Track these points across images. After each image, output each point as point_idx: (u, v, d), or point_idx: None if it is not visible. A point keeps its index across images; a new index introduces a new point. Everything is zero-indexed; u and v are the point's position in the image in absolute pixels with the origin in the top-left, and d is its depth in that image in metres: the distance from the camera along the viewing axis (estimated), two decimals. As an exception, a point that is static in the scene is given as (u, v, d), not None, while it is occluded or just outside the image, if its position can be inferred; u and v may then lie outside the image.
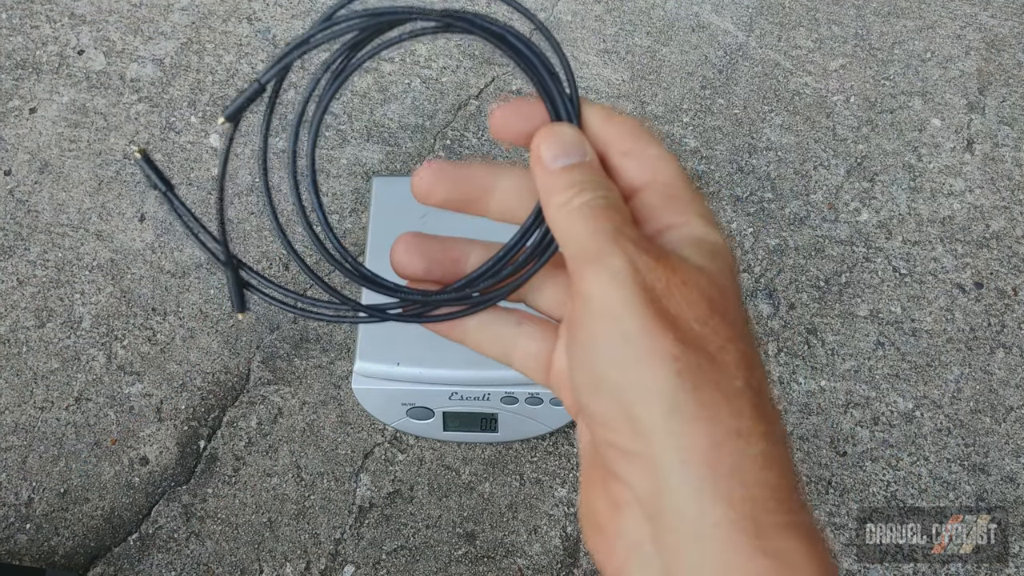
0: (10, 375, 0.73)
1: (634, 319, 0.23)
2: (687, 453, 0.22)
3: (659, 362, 0.22)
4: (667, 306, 0.23)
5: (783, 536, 0.22)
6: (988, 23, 0.86)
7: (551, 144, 0.26)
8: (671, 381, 0.22)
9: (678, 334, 0.23)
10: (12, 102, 0.85)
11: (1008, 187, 0.78)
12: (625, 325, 0.23)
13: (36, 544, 0.67)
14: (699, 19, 0.88)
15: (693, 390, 0.22)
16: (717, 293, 0.24)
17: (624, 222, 0.25)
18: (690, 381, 0.22)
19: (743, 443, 0.22)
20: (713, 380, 0.23)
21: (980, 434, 0.68)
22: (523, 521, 0.66)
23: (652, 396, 0.22)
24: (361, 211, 0.79)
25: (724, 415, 0.22)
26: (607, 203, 0.25)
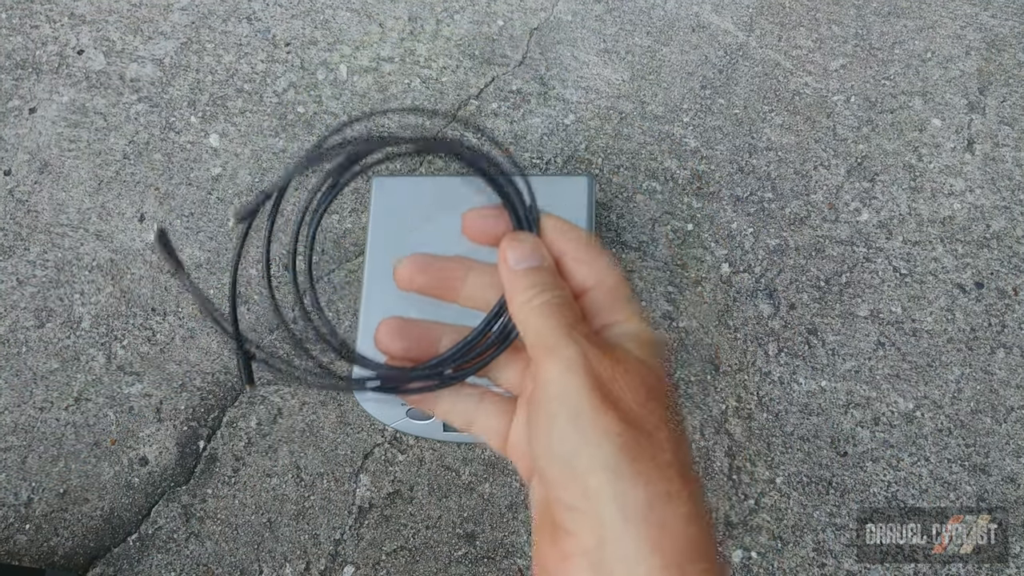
0: (10, 375, 0.73)
1: (584, 401, 0.28)
2: (627, 510, 0.27)
3: (604, 437, 0.28)
4: (612, 390, 0.28)
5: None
6: (988, 23, 0.86)
7: (515, 250, 0.32)
8: (614, 453, 0.27)
9: (620, 414, 0.28)
10: (12, 102, 0.85)
11: (1008, 187, 0.77)
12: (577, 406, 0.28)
13: (36, 544, 0.67)
14: (699, 19, 0.88)
15: (632, 461, 0.27)
16: (654, 381, 0.29)
17: (576, 319, 0.30)
18: (630, 453, 0.27)
19: (672, 504, 0.27)
20: (648, 453, 0.28)
21: (981, 434, 0.68)
22: (523, 521, 0.66)
23: (598, 464, 0.27)
24: (361, 211, 0.78)
25: (657, 481, 0.27)
26: (562, 302, 0.30)
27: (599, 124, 0.82)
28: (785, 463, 0.67)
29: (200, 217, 0.79)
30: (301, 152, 0.74)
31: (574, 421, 0.28)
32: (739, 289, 0.74)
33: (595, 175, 0.79)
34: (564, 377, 0.29)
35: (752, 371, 0.71)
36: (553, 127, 0.82)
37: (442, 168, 0.80)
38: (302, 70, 0.85)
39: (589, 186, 0.70)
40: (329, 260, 0.76)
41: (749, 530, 0.66)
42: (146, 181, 0.81)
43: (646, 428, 0.28)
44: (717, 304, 0.73)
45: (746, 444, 0.68)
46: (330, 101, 0.84)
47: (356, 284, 0.75)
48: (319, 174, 0.34)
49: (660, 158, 0.80)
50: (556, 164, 0.80)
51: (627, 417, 0.28)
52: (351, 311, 0.74)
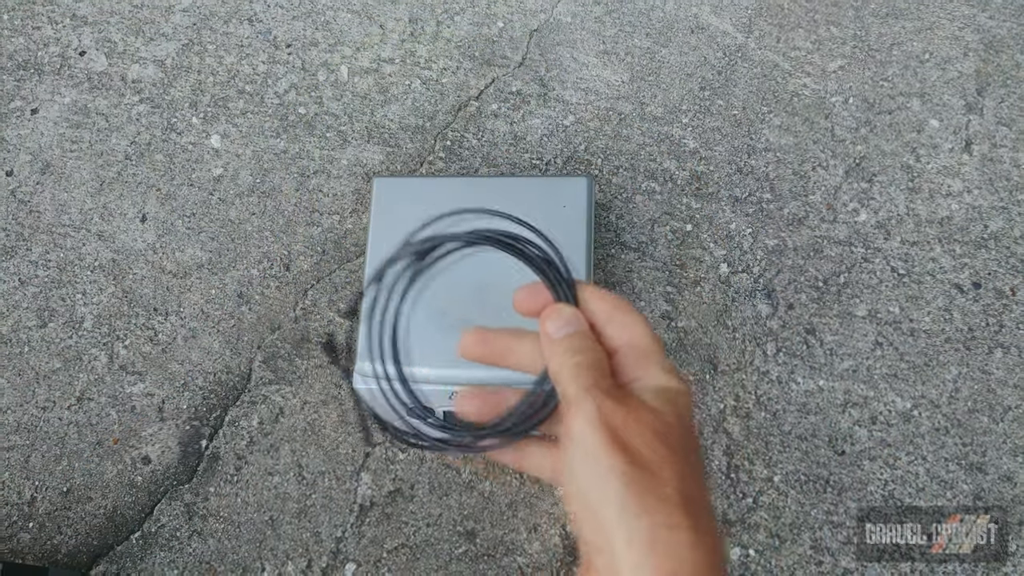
0: (12, 375, 0.73)
1: (597, 446, 0.33)
2: (632, 539, 0.31)
3: (613, 475, 0.32)
4: (622, 436, 0.33)
5: None
6: (986, 24, 0.86)
7: (555, 320, 0.38)
8: (621, 489, 0.32)
9: (628, 456, 0.32)
10: (14, 103, 0.85)
11: (1006, 188, 0.78)
12: (591, 450, 0.33)
13: (39, 543, 0.68)
14: (698, 20, 0.88)
15: (636, 496, 0.31)
16: (662, 426, 0.34)
17: (601, 376, 0.36)
18: (634, 489, 0.32)
19: (673, 532, 0.31)
20: (651, 488, 0.32)
21: (978, 433, 0.69)
22: (523, 519, 0.67)
23: (608, 500, 0.32)
24: (362, 211, 0.79)
25: (659, 513, 0.31)
26: (590, 362, 0.36)
27: (598, 125, 0.82)
28: (783, 462, 0.68)
29: (201, 218, 0.79)
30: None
31: (589, 463, 0.33)
32: (737, 289, 0.74)
33: (594, 176, 0.79)
34: (582, 427, 0.34)
35: (750, 370, 0.71)
36: (553, 128, 0.82)
37: (442, 169, 0.81)
38: (303, 71, 0.86)
39: (588, 187, 0.71)
40: (329, 260, 0.77)
41: (747, 528, 0.66)
42: (148, 182, 0.81)
43: (651, 467, 0.32)
44: (716, 304, 0.74)
45: (744, 443, 0.69)
46: (331, 102, 0.84)
47: (357, 284, 0.75)
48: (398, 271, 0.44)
49: (659, 159, 0.80)
50: (556, 165, 0.80)
51: (634, 458, 0.32)
52: (351, 311, 0.75)
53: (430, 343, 0.63)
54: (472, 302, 0.59)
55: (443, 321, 0.57)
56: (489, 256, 0.45)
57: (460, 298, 0.60)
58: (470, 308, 0.56)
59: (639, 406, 0.35)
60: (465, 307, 0.56)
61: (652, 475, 0.32)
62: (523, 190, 0.71)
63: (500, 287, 0.56)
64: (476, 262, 0.46)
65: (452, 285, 0.47)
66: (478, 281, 0.61)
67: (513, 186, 0.73)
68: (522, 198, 0.69)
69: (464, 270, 0.46)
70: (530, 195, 0.70)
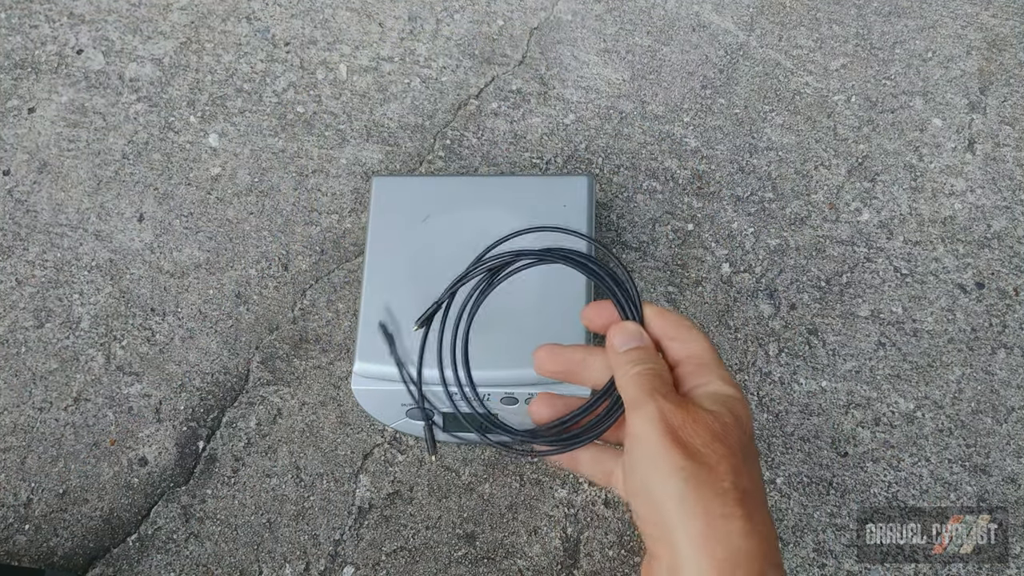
0: (9, 375, 0.73)
1: (658, 444, 0.36)
2: (691, 530, 0.34)
3: (673, 470, 0.35)
4: (682, 436, 0.36)
5: None
6: (989, 23, 0.86)
7: (620, 335, 0.42)
8: (680, 485, 0.35)
9: (687, 452, 0.35)
10: (11, 102, 0.84)
11: (1009, 187, 0.77)
12: (653, 448, 0.36)
13: (35, 545, 0.67)
14: (699, 18, 0.87)
15: (694, 489, 0.34)
16: (719, 427, 0.36)
17: (662, 383, 0.39)
18: (692, 484, 0.34)
19: (727, 522, 0.34)
20: (708, 483, 0.35)
21: (981, 435, 0.68)
22: (523, 522, 0.66)
23: (668, 494, 0.35)
24: (361, 211, 0.78)
25: (714, 505, 0.34)
26: (653, 372, 0.39)
27: (599, 124, 0.82)
28: (785, 463, 0.67)
29: (199, 217, 0.79)
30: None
31: (650, 460, 0.36)
32: (739, 289, 0.74)
33: (595, 175, 0.79)
34: (644, 427, 0.37)
35: (752, 371, 0.71)
36: (553, 127, 0.82)
37: (442, 168, 0.80)
38: (301, 70, 0.85)
39: (589, 186, 0.70)
40: (328, 260, 0.76)
41: (749, 531, 0.65)
42: (145, 181, 0.80)
43: (708, 463, 0.35)
44: (717, 304, 0.73)
45: (746, 444, 0.68)
46: (330, 101, 0.83)
47: (356, 284, 0.75)
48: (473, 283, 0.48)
49: (660, 158, 0.80)
50: (556, 164, 0.80)
51: (692, 455, 0.35)
52: (351, 311, 0.74)
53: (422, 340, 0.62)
54: (523, 311, 0.60)
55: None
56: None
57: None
58: (521, 316, 0.57)
59: (697, 409, 0.38)
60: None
61: (710, 470, 0.35)
62: (523, 189, 0.71)
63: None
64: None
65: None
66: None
67: (513, 185, 0.72)
68: (522, 197, 0.69)
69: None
70: (530, 194, 0.69)
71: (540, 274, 0.62)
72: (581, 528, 0.66)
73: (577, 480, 0.67)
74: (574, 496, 0.67)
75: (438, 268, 0.68)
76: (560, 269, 0.52)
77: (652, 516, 0.36)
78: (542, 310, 0.63)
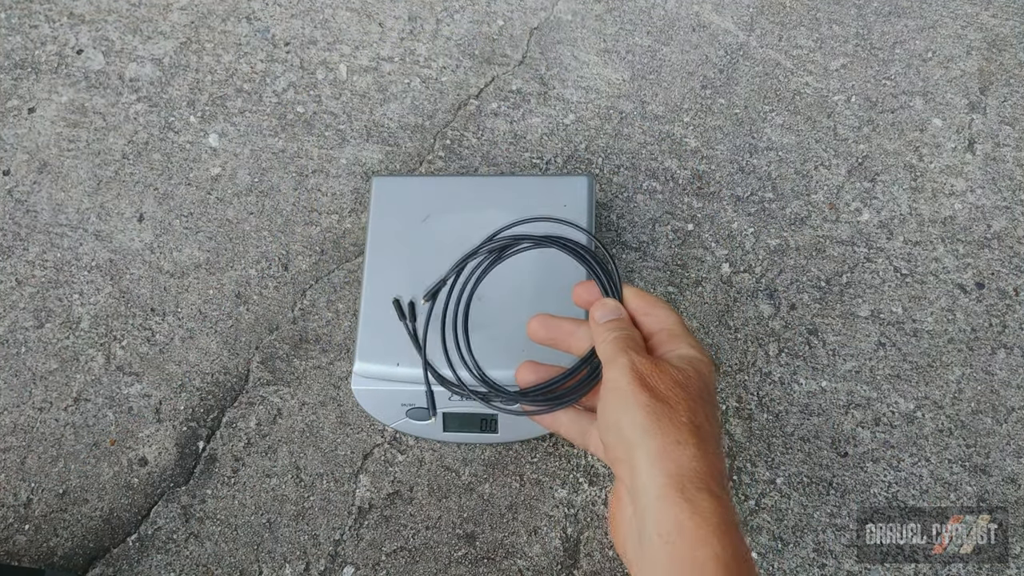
0: (9, 375, 0.73)
1: (627, 387, 0.43)
2: (649, 452, 0.41)
3: (638, 407, 0.42)
4: (648, 381, 0.43)
5: (698, 494, 0.39)
6: (989, 23, 0.86)
7: (601, 309, 0.49)
8: (644, 416, 0.42)
9: (652, 394, 0.43)
10: (11, 102, 0.84)
11: (1009, 187, 0.77)
12: (623, 390, 0.43)
13: (35, 545, 0.67)
14: (699, 19, 0.87)
15: (655, 420, 0.42)
16: (682, 377, 0.44)
17: (635, 344, 0.46)
18: (654, 416, 0.42)
19: (680, 447, 0.41)
20: (667, 416, 0.42)
21: (981, 435, 0.68)
22: (523, 522, 0.66)
23: (633, 424, 0.42)
24: (360, 211, 0.78)
25: (670, 432, 0.41)
26: (627, 336, 0.47)
27: (599, 124, 0.82)
28: (785, 464, 0.67)
29: (199, 217, 0.79)
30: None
31: (621, 400, 0.43)
32: (739, 289, 0.74)
33: (595, 175, 0.79)
34: (617, 375, 0.44)
35: (752, 371, 0.71)
36: (553, 127, 0.82)
37: (441, 168, 0.80)
38: (301, 70, 0.85)
39: (589, 186, 0.70)
40: (328, 260, 0.76)
41: (750, 531, 0.66)
42: (145, 181, 0.80)
43: (669, 402, 0.42)
44: (717, 304, 0.73)
45: (746, 445, 0.68)
46: (329, 101, 0.83)
47: (356, 284, 0.75)
48: (477, 262, 0.56)
49: (660, 158, 0.80)
50: (556, 164, 0.80)
51: (656, 395, 0.43)
52: (351, 311, 0.74)
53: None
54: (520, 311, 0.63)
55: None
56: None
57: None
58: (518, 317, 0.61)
59: (664, 363, 0.45)
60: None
61: (670, 408, 0.42)
62: (523, 189, 0.71)
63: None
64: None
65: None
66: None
67: (513, 185, 0.72)
68: (522, 197, 0.69)
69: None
70: (530, 194, 0.69)
71: (537, 275, 0.64)
72: (581, 528, 0.66)
73: (577, 480, 0.67)
74: (574, 496, 0.67)
75: (438, 268, 0.68)
76: (557, 270, 0.61)
77: (619, 444, 0.43)
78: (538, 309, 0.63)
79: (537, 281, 0.64)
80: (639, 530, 0.42)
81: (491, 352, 0.58)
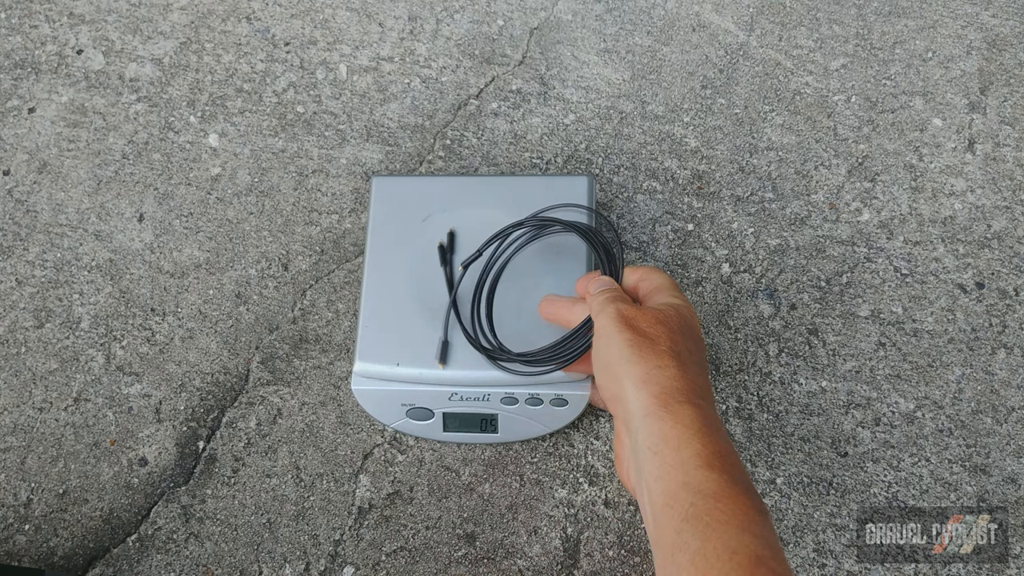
0: (9, 375, 0.73)
1: (614, 328, 0.49)
2: (634, 379, 0.46)
3: (623, 343, 0.48)
4: (632, 322, 0.49)
5: (680, 406, 0.44)
6: (989, 23, 0.86)
7: (596, 282, 0.57)
8: (627, 350, 0.47)
9: (634, 332, 0.48)
10: (11, 102, 0.84)
11: (1010, 187, 0.77)
12: (610, 332, 0.49)
13: (35, 545, 0.67)
14: (700, 19, 0.87)
15: (638, 351, 0.47)
16: (662, 316, 0.49)
17: (620, 297, 0.53)
18: (636, 349, 0.47)
19: (661, 371, 0.46)
20: (649, 347, 0.47)
21: (981, 435, 0.68)
22: (523, 522, 0.66)
23: (620, 358, 0.47)
24: (360, 211, 0.78)
25: (652, 359, 0.46)
26: (616, 294, 0.53)
27: (599, 124, 0.82)
28: (786, 464, 0.67)
29: (199, 217, 0.79)
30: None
31: (608, 340, 0.49)
32: (740, 289, 0.74)
33: (595, 175, 0.79)
34: (605, 322, 0.50)
35: (752, 371, 0.71)
36: (553, 127, 0.82)
37: (441, 168, 0.80)
38: (301, 70, 0.85)
39: (589, 186, 0.70)
40: (328, 260, 0.76)
41: (749, 531, 0.65)
42: (145, 181, 0.80)
43: (650, 336, 0.47)
44: (717, 304, 0.73)
45: (747, 445, 0.68)
46: (330, 101, 0.83)
47: (356, 284, 0.75)
48: (505, 240, 0.65)
49: (660, 158, 0.80)
50: (556, 164, 0.80)
51: (639, 331, 0.48)
52: (351, 311, 0.74)
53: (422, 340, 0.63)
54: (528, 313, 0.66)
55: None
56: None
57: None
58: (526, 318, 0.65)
59: (647, 307, 0.51)
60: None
61: (651, 340, 0.47)
62: (523, 189, 0.71)
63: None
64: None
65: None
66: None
67: (513, 185, 0.72)
68: (523, 197, 0.69)
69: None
70: (530, 194, 0.69)
71: (552, 262, 0.67)
72: (581, 528, 0.66)
73: (577, 480, 0.67)
74: (574, 496, 0.67)
75: (438, 268, 0.68)
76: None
77: (610, 381, 0.48)
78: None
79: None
80: (634, 454, 0.46)
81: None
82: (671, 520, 0.41)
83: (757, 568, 0.38)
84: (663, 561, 0.41)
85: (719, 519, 0.40)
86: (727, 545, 0.39)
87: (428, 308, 0.66)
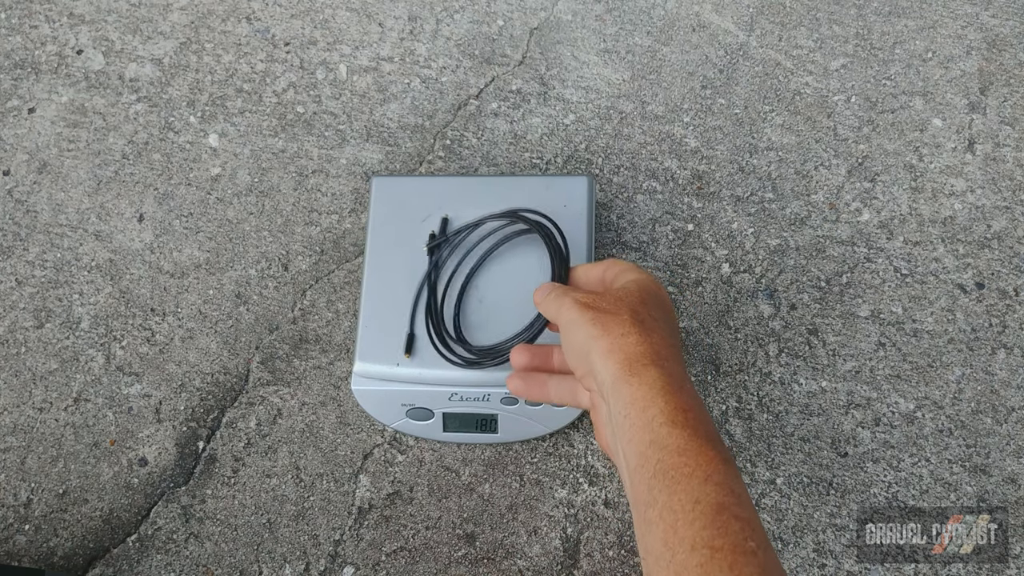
0: (9, 376, 0.73)
1: (576, 314, 0.50)
2: (600, 351, 0.48)
3: (587, 323, 0.49)
4: (592, 305, 0.50)
5: (644, 369, 0.46)
6: (989, 23, 0.86)
7: (537, 292, 0.58)
8: (591, 327, 0.49)
9: (597, 311, 0.50)
10: (11, 102, 0.84)
11: (1009, 187, 0.77)
12: (573, 318, 0.51)
13: (35, 545, 0.67)
14: (700, 19, 0.87)
15: (601, 326, 0.48)
16: (623, 293, 0.51)
17: (572, 289, 0.55)
18: (600, 324, 0.49)
19: (624, 338, 0.48)
20: (611, 320, 0.49)
21: (981, 435, 0.68)
22: (523, 522, 0.66)
23: (587, 337, 0.49)
24: (360, 211, 0.78)
25: (615, 328, 0.48)
26: (563, 289, 0.55)
27: (599, 124, 0.82)
28: (785, 464, 0.67)
29: (199, 217, 0.79)
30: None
31: (572, 325, 0.50)
32: (739, 289, 0.74)
33: (595, 175, 0.79)
34: (566, 312, 0.51)
35: (752, 371, 0.71)
36: (553, 127, 0.82)
37: (441, 169, 0.80)
38: (301, 70, 0.85)
39: (589, 186, 0.70)
40: (328, 260, 0.76)
41: (749, 531, 0.65)
42: (145, 181, 0.80)
43: (611, 311, 0.49)
44: (717, 304, 0.73)
45: (746, 445, 0.68)
46: (329, 101, 0.83)
47: (356, 284, 0.75)
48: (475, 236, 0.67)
49: (660, 158, 0.80)
50: (556, 164, 0.80)
51: (599, 309, 0.50)
52: (351, 311, 0.74)
53: (421, 340, 0.63)
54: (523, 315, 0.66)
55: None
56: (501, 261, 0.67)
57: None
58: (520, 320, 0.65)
59: (606, 290, 0.54)
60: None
61: (612, 315, 0.49)
62: (523, 189, 0.71)
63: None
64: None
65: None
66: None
67: (513, 185, 0.72)
68: (522, 197, 0.69)
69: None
70: (530, 194, 0.69)
71: (521, 268, 0.67)
72: (581, 528, 0.66)
73: (577, 480, 0.67)
74: (574, 496, 0.67)
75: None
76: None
77: (581, 361, 0.50)
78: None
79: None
80: (610, 422, 0.48)
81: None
82: (643, 478, 0.43)
83: (719, 515, 0.40)
84: (638, 519, 0.43)
85: (684, 472, 0.42)
86: (691, 496, 0.41)
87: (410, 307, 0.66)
